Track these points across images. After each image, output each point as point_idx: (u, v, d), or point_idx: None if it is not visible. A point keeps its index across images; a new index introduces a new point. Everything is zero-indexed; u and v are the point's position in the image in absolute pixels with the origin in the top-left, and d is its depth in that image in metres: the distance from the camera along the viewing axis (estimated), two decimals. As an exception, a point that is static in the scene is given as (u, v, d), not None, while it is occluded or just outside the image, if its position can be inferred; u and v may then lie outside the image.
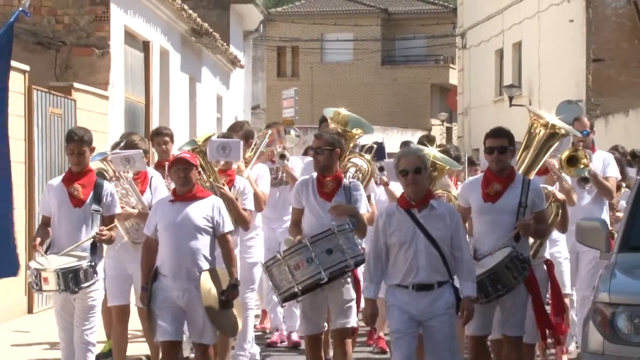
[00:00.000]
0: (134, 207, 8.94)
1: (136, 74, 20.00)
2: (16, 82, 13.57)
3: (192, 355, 8.89)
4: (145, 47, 20.62)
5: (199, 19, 23.43)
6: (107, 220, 8.16)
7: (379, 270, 7.38)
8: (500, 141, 7.98)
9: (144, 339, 9.96)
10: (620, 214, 10.17)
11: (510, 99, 31.08)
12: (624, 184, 11.16)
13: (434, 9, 56.72)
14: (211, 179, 9.07)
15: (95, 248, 8.02)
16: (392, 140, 27.70)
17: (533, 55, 33.02)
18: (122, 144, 9.34)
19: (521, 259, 7.74)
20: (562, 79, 29.98)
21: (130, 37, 19.32)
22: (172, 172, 8.00)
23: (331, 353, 9.44)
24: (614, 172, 10.30)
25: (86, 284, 7.80)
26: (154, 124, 19.50)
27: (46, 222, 8.10)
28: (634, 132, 23.23)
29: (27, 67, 13.99)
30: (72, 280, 7.68)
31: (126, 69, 18.77)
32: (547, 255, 8.84)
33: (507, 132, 8.12)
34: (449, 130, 52.81)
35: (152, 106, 20.41)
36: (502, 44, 36.29)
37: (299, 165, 11.28)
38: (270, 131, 11.08)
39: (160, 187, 9.18)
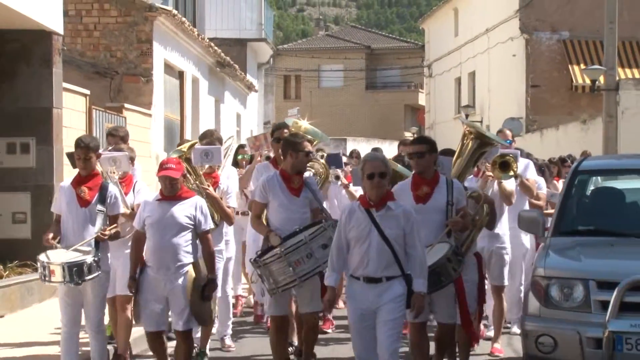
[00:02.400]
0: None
1: (173, 97, 19.93)
2: (79, 103, 13.61)
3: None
4: (180, 75, 20.54)
5: (222, 54, 23.35)
6: (112, 219, 7.42)
7: (340, 260, 6.55)
8: (418, 147, 7.30)
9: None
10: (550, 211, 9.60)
11: (467, 116, 31.07)
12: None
13: (406, 46, 56.61)
14: (197, 182, 8.26)
15: (99, 244, 7.25)
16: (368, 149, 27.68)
17: (484, 82, 33.03)
18: (110, 147, 8.60)
19: (458, 253, 7.09)
20: (507, 100, 29.99)
21: (169, 68, 19.29)
22: (159, 180, 7.26)
23: (294, 338, 8.63)
24: (532, 175, 9.77)
25: (89, 277, 7.07)
26: (187, 136, 19.51)
27: (58, 220, 7.42)
28: (564, 143, 23.27)
29: (88, 92, 13.99)
30: (76, 273, 6.97)
31: (165, 93, 18.73)
32: (486, 249, 8.49)
33: (425, 140, 7.59)
34: (418, 141, 52.68)
35: (185, 122, 20.32)
36: (459, 73, 36.26)
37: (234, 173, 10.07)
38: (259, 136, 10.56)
39: (143, 190, 8.31)
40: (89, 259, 7.04)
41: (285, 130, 8.78)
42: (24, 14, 10.90)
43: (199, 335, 8.25)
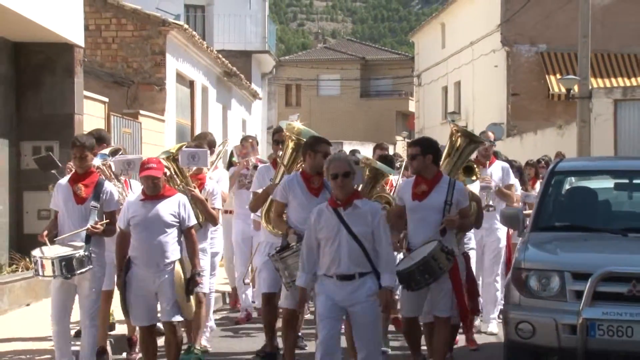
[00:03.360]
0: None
1: (184, 104, 19.92)
2: (99, 110, 13.60)
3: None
4: (191, 84, 20.53)
5: (229, 65, 23.31)
6: (108, 216, 6.99)
7: (311, 261, 6.20)
8: (411, 150, 7.05)
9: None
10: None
11: (452, 122, 31.10)
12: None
13: (397, 58, 56.55)
14: (183, 183, 7.79)
15: (89, 239, 6.82)
16: (368, 151, 27.64)
17: (469, 91, 33.04)
18: (121, 152, 8.12)
19: (446, 251, 6.66)
20: (489, 107, 30.01)
21: (180, 77, 19.29)
22: (142, 180, 6.86)
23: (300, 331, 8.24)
24: (513, 180, 9.50)
25: (79, 271, 6.67)
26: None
27: (57, 216, 7.04)
28: (541, 146, 23.23)
29: (106, 99, 13.98)
30: (65, 267, 6.58)
31: (177, 100, 18.73)
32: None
33: (419, 142, 7.22)
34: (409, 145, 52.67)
35: (195, 127, 20.25)
36: (446, 83, 36.25)
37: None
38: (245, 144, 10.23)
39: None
40: (79, 253, 6.67)
41: (284, 133, 8.22)
42: (49, 28, 10.91)
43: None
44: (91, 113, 13.00)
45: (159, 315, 7.09)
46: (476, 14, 31.46)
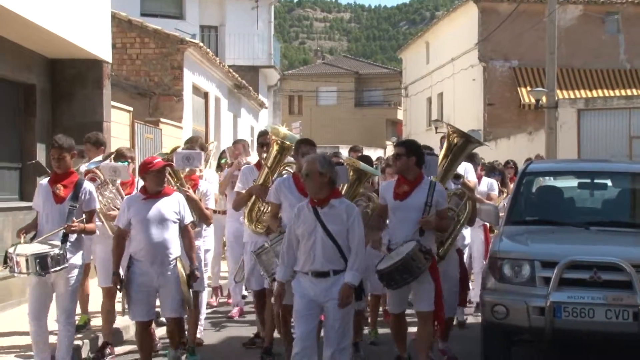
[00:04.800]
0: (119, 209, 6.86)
1: (199, 113, 19.92)
2: (124, 118, 13.58)
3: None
4: (205, 95, 20.54)
5: (239, 78, 23.35)
6: (87, 215, 6.37)
7: (290, 256, 5.67)
8: (397, 149, 6.56)
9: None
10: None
11: (436, 128, 31.07)
12: (505, 190, 10.35)
13: (387, 72, 56.43)
14: (178, 184, 7.18)
15: (66, 238, 6.18)
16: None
17: (450, 101, 33.01)
18: (112, 156, 7.51)
19: (424, 251, 6.11)
20: (468, 116, 29.98)
21: (196, 89, 19.29)
22: (152, 176, 6.23)
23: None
24: (472, 177, 8.88)
25: (54, 269, 6.01)
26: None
27: (37, 216, 6.44)
28: (513, 150, 23.18)
29: (131, 109, 13.94)
30: (39, 264, 5.92)
31: (193, 110, 18.72)
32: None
33: (405, 143, 6.71)
34: (397, 148, 52.63)
35: (209, 133, 20.23)
36: (430, 94, 36.22)
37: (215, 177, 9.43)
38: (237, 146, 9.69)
39: None
40: (54, 251, 6.00)
41: (269, 136, 7.67)
42: (81, 46, 10.90)
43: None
44: (117, 121, 12.99)
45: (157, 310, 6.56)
46: (456, 34, 31.46)
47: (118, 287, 6.23)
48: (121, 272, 6.28)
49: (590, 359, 7.40)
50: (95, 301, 7.91)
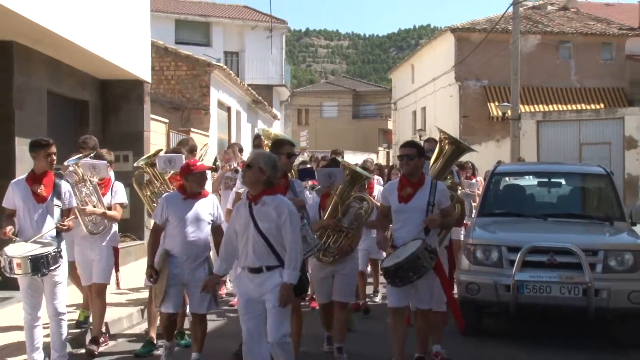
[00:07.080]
0: (95, 206, 6.22)
1: (223, 124, 19.97)
2: (161, 128, 13.58)
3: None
4: (228, 109, 20.58)
5: (256, 95, 23.42)
6: (66, 212, 5.50)
7: (229, 251, 4.83)
8: (408, 150, 5.39)
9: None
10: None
11: (420, 136, 31.04)
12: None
13: (379, 90, 56.40)
14: (163, 186, 6.44)
15: (59, 236, 5.39)
16: (358, 159, 27.63)
17: (431, 114, 32.94)
18: (92, 154, 6.58)
19: (429, 250, 5.17)
20: (446, 126, 29.74)
21: (220, 104, 19.33)
22: (195, 178, 5.47)
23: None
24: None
25: (53, 267, 5.23)
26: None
27: (11, 214, 5.43)
28: (484, 155, 23.13)
29: (167, 121, 13.93)
30: (42, 264, 5.16)
31: (218, 121, 18.76)
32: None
33: (415, 144, 5.54)
34: (387, 154, 52.62)
35: (231, 141, 20.14)
36: (415, 108, 36.17)
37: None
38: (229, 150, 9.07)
39: (120, 191, 6.47)
40: (52, 250, 5.25)
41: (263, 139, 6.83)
42: (126, 69, 10.91)
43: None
44: (155, 130, 13.00)
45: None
46: (436, 58, 31.42)
47: (151, 279, 5.43)
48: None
49: (548, 327, 7.40)
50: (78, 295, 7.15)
